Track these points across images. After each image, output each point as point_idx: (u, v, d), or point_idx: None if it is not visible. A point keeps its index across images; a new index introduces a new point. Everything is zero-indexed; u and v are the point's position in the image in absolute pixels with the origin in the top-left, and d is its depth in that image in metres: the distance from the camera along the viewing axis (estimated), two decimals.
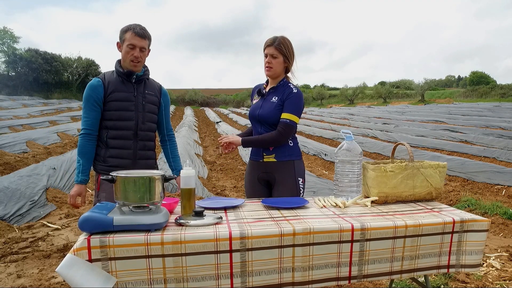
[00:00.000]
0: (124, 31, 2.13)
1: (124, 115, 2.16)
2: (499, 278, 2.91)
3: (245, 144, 2.21)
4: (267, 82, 2.34)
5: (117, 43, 2.18)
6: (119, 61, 2.21)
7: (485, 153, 8.01)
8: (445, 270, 1.71)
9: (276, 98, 2.20)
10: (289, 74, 2.28)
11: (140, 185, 1.46)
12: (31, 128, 11.98)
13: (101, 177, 1.52)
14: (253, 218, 1.63)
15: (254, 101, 2.36)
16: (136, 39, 2.10)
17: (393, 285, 2.65)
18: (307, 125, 15.98)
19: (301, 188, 2.23)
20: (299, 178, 2.22)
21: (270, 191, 2.28)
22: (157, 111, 2.31)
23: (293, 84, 2.26)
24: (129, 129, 2.17)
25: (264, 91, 2.30)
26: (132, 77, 2.19)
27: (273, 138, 2.16)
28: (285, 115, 2.16)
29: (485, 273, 2.98)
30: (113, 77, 2.18)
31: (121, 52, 2.16)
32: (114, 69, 2.22)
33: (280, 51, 2.17)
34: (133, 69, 2.16)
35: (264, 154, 2.23)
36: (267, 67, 2.22)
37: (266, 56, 2.21)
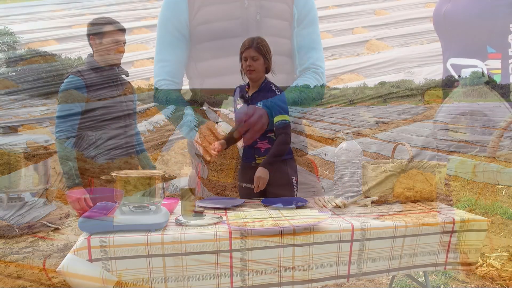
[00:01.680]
0: (102, 24, 2.02)
1: (113, 115, 2.08)
2: (499, 278, 2.91)
3: (267, 167, 2.08)
4: (248, 84, 2.28)
5: (91, 36, 2.02)
6: (92, 56, 2.09)
7: (485, 153, 8.01)
8: (442, 268, 1.72)
9: (261, 103, 2.16)
10: (268, 74, 2.24)
11: (140, 185, 1.46)
12: (31, 128, 11.98)
13: (102, 177, 1.52)
14: (253, 218, 1.63)
15: (238, 106, 2.29)
16: (120, 33, 2.07)
17: (393, 285, 2.65)
18: (307, 125, 15.97)
19: (295, 187, 2.22)
20: (292, 177, 2.22)
21: (265, 192, 2.26)
22: (133, 108, 2.26)
23: (274, 86, 2.23)
24: (120, 130, 2.11)
25: (247, 95, 2.25)
26: (113, 74, 2.10)
27: (285, 143, 2.13)
28: (280, 117, 2.12)
29: (485, 273, 2.98)
30: (92, 75, 2.04)
31: (101, 46, 2.03)
32: (88, 65, 2.07)
33: (260, 52, 2.12)
34: (117, 62, 2.09)
35: (256, 156, 2.21)
36: (248, 70, 2.14)
37: (245, 59, 2.14)
